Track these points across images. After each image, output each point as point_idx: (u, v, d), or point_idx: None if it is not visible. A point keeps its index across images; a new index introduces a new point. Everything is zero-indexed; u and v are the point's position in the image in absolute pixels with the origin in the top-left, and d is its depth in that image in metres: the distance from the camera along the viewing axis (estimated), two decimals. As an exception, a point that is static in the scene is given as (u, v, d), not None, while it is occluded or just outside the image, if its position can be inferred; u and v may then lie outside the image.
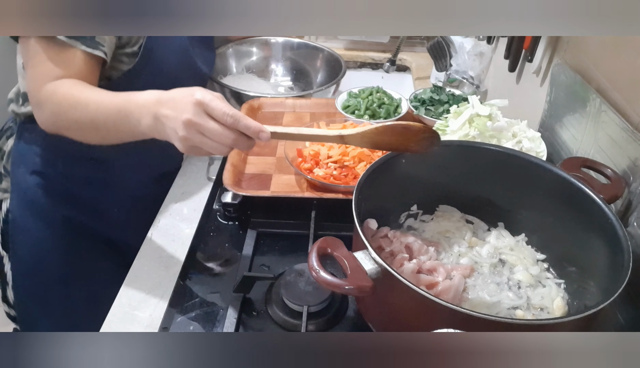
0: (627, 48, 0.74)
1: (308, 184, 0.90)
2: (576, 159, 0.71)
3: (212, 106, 0.57)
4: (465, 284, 0.66)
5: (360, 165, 0.89)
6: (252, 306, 0.69)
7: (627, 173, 0.69)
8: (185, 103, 0.58)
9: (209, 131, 0.58)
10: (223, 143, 0.59)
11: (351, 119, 1.04)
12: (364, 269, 0.52)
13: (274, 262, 0.77)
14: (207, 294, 0.73)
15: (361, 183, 0.62)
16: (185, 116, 0.57)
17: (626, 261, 0.52)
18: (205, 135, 0.58)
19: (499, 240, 0.74)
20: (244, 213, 0.88)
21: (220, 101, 0.58)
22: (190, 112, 0.57)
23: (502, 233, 0.76)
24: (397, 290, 0.51)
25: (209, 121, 0.57)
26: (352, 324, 0.67)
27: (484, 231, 0.77)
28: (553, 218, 0.69)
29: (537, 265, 0.71)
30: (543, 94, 0.98)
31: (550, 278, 0.69)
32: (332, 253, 0.54)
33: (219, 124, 0.58)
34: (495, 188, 0.72)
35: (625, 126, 0.69)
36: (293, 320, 0.66)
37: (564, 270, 0.69)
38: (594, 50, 0.83)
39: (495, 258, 0.72)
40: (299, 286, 0.66)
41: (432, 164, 0.72)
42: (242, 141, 0.60)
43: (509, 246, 0.73)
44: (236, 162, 0.93)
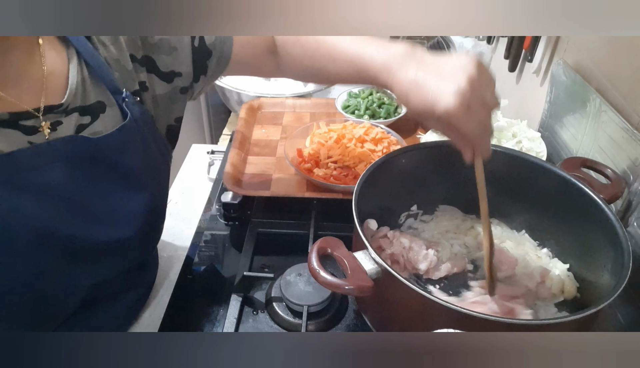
0: (627, 48, 0.74)
1: (308, 184, 0.90)
2: (576, 159, 0.71)
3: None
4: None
5: (360, 165, 0.89)
6: (252, 306, 0.69)
7: (627, 173, 0.69)
8: (467, 60, 0.52)
9: (489, 96, 0.52)
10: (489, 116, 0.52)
11: (351, 119, 1.04)
12: (364, 269, 0.52)
13: (274, 262, 0.77)
14: (207, 294, 0.73)
15: (361, 183, 0.62)
16: (470, 68, 0.51)
17: (626, 262, 0.52)
18: (484, 100, 0.52)
19: (499, 240, 0.74)
20: (244, 213, 0.88)
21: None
22: (474, 69, 0.51)
23: (503, 231, 0.76)
24: (397, 290, 0.51)
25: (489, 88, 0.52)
26: (352, 324, 0.67)
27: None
28: (553, 218, 0.69)
29: (541, 253, 0.71)
30: (543, 94, 0.98)
31: (554, 263, 0.69)
32: (332, 253, 0.54)
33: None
34: (495, 188, 0.71)
35: (625, 126, 0.69)
36: (293, 320, 0.66)
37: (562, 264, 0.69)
38: (594, 50, 0.83)
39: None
40: (299, 286, 0.66)
41: (432, 164, 0.72)
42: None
43: (510, 245, 0.73)
44: (236, 162, 0.93)
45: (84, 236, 0.56)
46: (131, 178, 0.60)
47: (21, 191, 0.50)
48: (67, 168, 0.53)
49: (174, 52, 0.64)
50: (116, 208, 0.59)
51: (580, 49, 0.88)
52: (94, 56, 0.57)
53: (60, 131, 0.54)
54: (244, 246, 0.78)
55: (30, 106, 0.52)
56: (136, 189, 0.61)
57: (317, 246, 0.54)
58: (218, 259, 0.80)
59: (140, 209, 0.62)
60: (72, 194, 0.54)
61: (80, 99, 0.56)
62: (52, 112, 0.53)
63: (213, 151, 1.08)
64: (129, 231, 0.60)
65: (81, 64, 0.57)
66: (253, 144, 1.03)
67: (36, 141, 0.51)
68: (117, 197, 0.59)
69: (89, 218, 0.56)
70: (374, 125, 1.00)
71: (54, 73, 0.55)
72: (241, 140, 1.00)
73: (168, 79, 0.65)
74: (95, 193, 0.57)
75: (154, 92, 0.65)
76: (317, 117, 1.12)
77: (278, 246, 0.81)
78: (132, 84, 0.61)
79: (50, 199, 0.52)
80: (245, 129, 1.05)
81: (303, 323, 0.63)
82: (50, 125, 0.53)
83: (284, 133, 1.07)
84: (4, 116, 0.50)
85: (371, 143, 0.94)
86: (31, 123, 0.52)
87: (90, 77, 0.57)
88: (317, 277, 0.51)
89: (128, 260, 0.66)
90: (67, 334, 0.52)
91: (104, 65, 0.58)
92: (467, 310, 0.46)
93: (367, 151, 0.91)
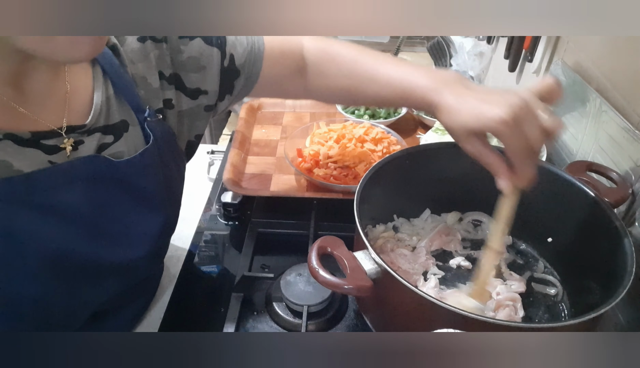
0: (627, 48, 0.74)
1: (308, 184, 0.90)
2: (581, 162, 0.71)
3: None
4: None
5: (360, 165, 0.89)
6: (252, 306, 0.69)
7: (628, 173, 0.69)
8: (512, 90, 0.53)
9: (536, 119, 0.50)
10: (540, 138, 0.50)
11: (351, 119, 1.04)
12: (364, 269, 0.52)
13: (274, 262, 0.77)
14: (207, 294, 0.73)
15: (363, 183, 0.62)
16: (522, 92, 0.51)
17: (629, 266, 0.51)
18: (534, 117, 0.50)
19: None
20: (244, 213, 0.88)
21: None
22: (526, 93, 0.51)
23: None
24: (396, 290, 0.51)
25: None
26: (352, 324, 0.67)
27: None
28: (556, 221, 0.69)
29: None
30: (543, 94, 0.97)
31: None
32: (332, 252, 0.54)
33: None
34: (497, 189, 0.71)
35: (626, 126, 0.69)
36: (293, 320, 0.66)
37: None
38: (594, 50, 0.83)
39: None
40: (299, 286, 0.66)
41: (433, 165, 0.72)
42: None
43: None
44: (236, 162, 0.93)
45: (98, 257, 0.55)
46: (149, 199, 0.59)
47: (38, 211, 0.49)
48: (86, 188, 0.52)
49: (202, 71, 0.63)
50: (131, 229, 0.58)
51: (580, 49, 0.88)
52: (119, 74, 0.56)
53: (81, 151, 0.53)
54: (244, 246, 0.78)
55: (52, 124, 0.51)
56: (152, 211, 0.60)
57: (317, 245, 0.54)
58: (218, 259, 0.80)
59: (155, 230, 0.61)
60: (89, 214, 0.53)
61: (104, 119, 0.55)
62: (75, 132, 0.52)
63: (213, 151, 1.08)
64: (142, 250, 0.60)
65: (106, 82, 0.55)
66: (253, 144, 1.03)
67: (57, 161, 0.50)
68: (133, 218, 0.58)
69: (104, 239, 0.55)
70: (374, 125, 1.00)
71: (78, 91, 0.53)
72: (241, 140, 1.00)
73: (193, 95, 0.64)
74: (112, 213, 0.56)
75: (180, 108, 0.63)
76: (317, 117, 1.12)
77: (278, 246, 0.81)
78: (156, 102, 0.60)
79: (67, 219, 0.51)
80: (245, 129, 1.05)
81: (303, 323, 0.63)
82: (72, 143, 0.52)
83: (284, 133, 1.07)
84: (25, 135, 0.48)
85: (371, 142, 0.94)
86: (53, 142, 0.50)
87: (115, 95, 0.56)
88: (316, 276, 0.51)
89: (138, 276, 0.66)
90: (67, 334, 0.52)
91: (130, 83, 0.57)
92: (466, 312, 0.46)
93: (367, 151, 0.91)
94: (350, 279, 0.51)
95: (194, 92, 0.64)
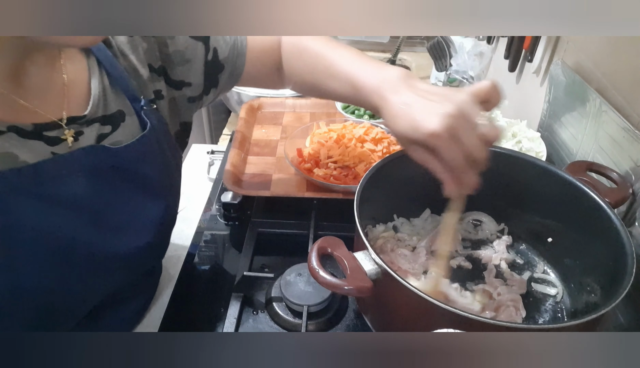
0: (627, 48, 0.74)
1: (308, 184, 0.90)
2: (581, 163, 0.71)
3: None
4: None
5: (360, 165, 0.89)
6: (252, 306, 0.69)
7: (629, 173, 0.69)
8: (461, 91, 0.51)
9: (474, 127, 0.49)
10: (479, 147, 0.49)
11: (351, 119, 1.04)
12: (364, 269, 0.52)
13: (274, 262, 0.77)
14: (207, 294, 0.73)
15: (363, 183, 0.62)
16: (460, 98, 0.49)
17: (629, 267, 0.51)
18: (471, 127, 0.49)
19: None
20: (244, 213, 0.88)
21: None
22: (464, 100, 0.49)
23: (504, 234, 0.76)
24: (396, 290, 0.51)
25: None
26: (352, 324, 0.67)
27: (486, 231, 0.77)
28: (556, 221, 0.69)
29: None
30: (543, 94, 0.98)
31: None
32: (332, 252, 0.54)
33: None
34: (498, 189, 0.71)
35: (626, 126, 0.69)
36: (293, 320, 0.66)
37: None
38: (594, 50, 0.83)
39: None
40: (299, 286, 0.66)
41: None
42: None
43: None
44: (236, 162, 0.93)
45: (104, 246, 0.56)
46: (149, 186, 0.60)
47: (44, 202, 0.50)
48: (89, 177, 0.53)
49: (186, 64, 0.65)
50: (135, 216, 0.59)
51: (580, 49, 0.88)
52: (114, 64, 0.57)
53: (81, 141, 0.54)
54: (244, 246, 0.78)
55: (53, 116, 0.52)
56: (153, 198, 0.61)
57: (318, 246, 0.54)
58: (218, 259, 0.80)
59: (156, 217, 0.62)
60: (93, 203, 0.54)
61: (101, 109, 0.56)
62: (75, 123, 0.53)
63: (213, 151, 1.08)
64: (145, 239, 0.61)
65: (102, 73, 0.57)
66: (253, 144, 1.03)
67: (59, 152, 0.51)
68: (135, 206, 0.59)
69: (109, 228, 0.56)
70: (374, 125, 1.00)
71: (75, 82, 0.54)
72: (241, 140, 1.00)
73: (176, 86, 0.66)
74: (116, 202, 0.57)
75: (169, 97, 0.65)
76: (317, 117, 1.12)
77: (278, 246, 0.81)
78: (148, 92, 0.62)
79: (72, 209, 0.52)
80: (245, 129, 1.05)
81: (303, 323, 0.63)
82: (73, 135, 0.53)
83: (284, 133, 1.07)
84: (28, 127, 0.49)
85: (371, 142, 0.94)
86: (54, 134, 0.51)
87: (110, 86, 0.57)
88: (316, 277, 0.51)
89: (142, 267, 0.66)
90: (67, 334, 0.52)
91: (124, 73, 0.58)
92: (466, 313, 0.46)
93: (367, 151, 0.91)
94: (350, 280, 0.51)
95: (177, 83, 0.66)
